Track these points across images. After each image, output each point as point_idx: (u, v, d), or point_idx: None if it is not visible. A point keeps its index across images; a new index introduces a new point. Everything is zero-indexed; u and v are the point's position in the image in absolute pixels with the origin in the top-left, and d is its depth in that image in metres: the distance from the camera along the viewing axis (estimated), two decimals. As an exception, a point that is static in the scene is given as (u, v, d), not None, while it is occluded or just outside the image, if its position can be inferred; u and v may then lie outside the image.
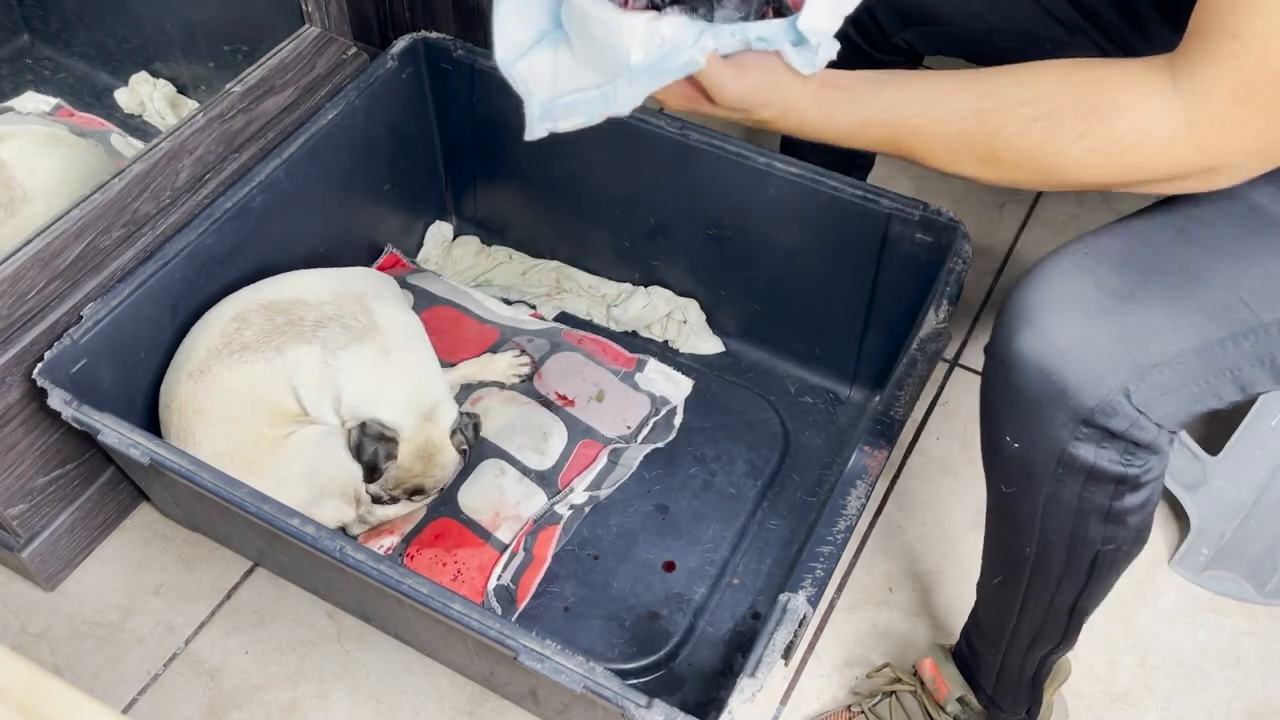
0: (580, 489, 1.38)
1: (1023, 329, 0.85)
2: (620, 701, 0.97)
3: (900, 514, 1.45)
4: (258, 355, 1.25)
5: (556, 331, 1.54)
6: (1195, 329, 0.84)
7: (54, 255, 1.23)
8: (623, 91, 0.84)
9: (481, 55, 1.49)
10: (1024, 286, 0.87)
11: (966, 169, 0.85)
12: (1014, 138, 0.81)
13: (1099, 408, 0.83)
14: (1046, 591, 0.99)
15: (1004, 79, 0.82)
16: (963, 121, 0.82)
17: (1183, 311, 0.84)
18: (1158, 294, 0.84)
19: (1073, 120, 0.78)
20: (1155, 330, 0.83)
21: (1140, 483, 0.88)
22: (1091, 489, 0.88)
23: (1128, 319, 0.83)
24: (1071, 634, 1.05)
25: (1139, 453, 0.86)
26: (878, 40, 1.29)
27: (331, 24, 1.48)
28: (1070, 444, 0.85)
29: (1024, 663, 1.09)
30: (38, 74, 1.74)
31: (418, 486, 1.29)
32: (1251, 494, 1.30)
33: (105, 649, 1.31)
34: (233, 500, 1.09)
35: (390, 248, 1.62)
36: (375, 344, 1.27)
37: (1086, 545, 0.93)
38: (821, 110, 0.86)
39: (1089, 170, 0.80)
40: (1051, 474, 0.88)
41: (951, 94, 0.83)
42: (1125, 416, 0.83)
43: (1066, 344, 0.83)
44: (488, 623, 1.01)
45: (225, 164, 1.39)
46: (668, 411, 1.47)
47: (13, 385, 1.19)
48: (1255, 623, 1.36)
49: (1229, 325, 0.84)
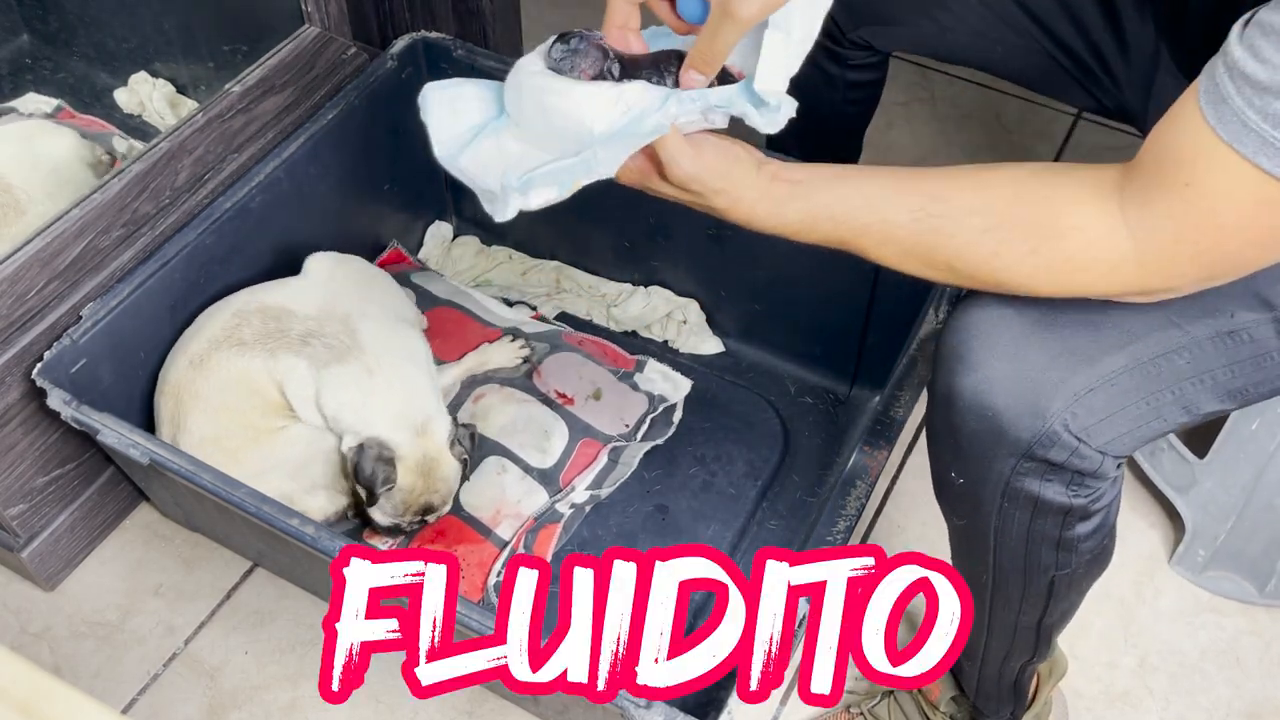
0: (581, 488, 1.38)
1: (956, 366, 0.84)
2: (620, 701, 0.97)
3: (900, 514, 1.45)
4: (255, 352, 1.26)
5: (557, 334, 1.54)
6: (1123, 349, 0.83)
7: (53, 255, 1.23)
8: (601, 155, 0.84)
9: (481, 55, 1.49)
10: (954, 324, 0.86)
11: (918, 271, 0.84)
12: (964, 248, 0.81)
13: (1037, 440, 0.82)
14: (1010, 612, 1.00)
15: (957, 181, 0.82)
16: (915, 224, 0.81)
17: (1107, 333, 0.83)
18: (1082, 317, 0.83)
19: (1021, 235, 0.79)
20: (1083, 354, 0.82)
21: (1089, 511, 0.87)
22: (1040, 520, 0.88)
23: (1054, 345, 0.83)
24: (1043, 647, 1.05)
25: (1086, 481, 0.85)
26: (836, 36, 1.30)
27: (331, 24, 1.48)
28: (1013, 478, 0.85)
29: (1001, 673, 1.10)
30: (38, 74, 1.73)
31: (427, 504, 1.28)
32: (1240, 496, 1.30)
33: (105, 649, 1.31)
34: (232, 500, 1.09)
35: (395, 243, 1.62)
36: (359, 363, 1.26)
37: (1041, 571, 0.93)
38: (771, 202, 0.85)
39: (1040, 285, 0.80)
40: (998, 508, 0.88)
41: (904, 194, 0.83)
42: (1064, 446, 0.82)
43: (999, 377, 0.82)
44: (488, 623, 1.01)
45: (225, 164, 1.39)
46: (666, 408, 1.47)
47: (12, 385, 1.19)
48: (1255, 623, 1.36)
49: (1159, 343, 0.83)
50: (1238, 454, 1.28)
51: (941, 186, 0.82)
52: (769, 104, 0.84)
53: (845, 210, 0.84)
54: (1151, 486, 1.43)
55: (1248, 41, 0.67)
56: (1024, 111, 1.95)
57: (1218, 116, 0.69)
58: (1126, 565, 1.40)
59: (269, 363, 1.26)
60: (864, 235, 0.84)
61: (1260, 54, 0.66)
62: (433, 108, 0.91)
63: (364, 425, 1.25)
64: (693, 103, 0.83)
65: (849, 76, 1.35)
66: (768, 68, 0.83)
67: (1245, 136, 0.68)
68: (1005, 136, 1.92)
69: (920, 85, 2.00)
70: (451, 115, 0.90)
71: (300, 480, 1.27)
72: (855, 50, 1.31)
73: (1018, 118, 1.95)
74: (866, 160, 1.55)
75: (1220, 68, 0.69)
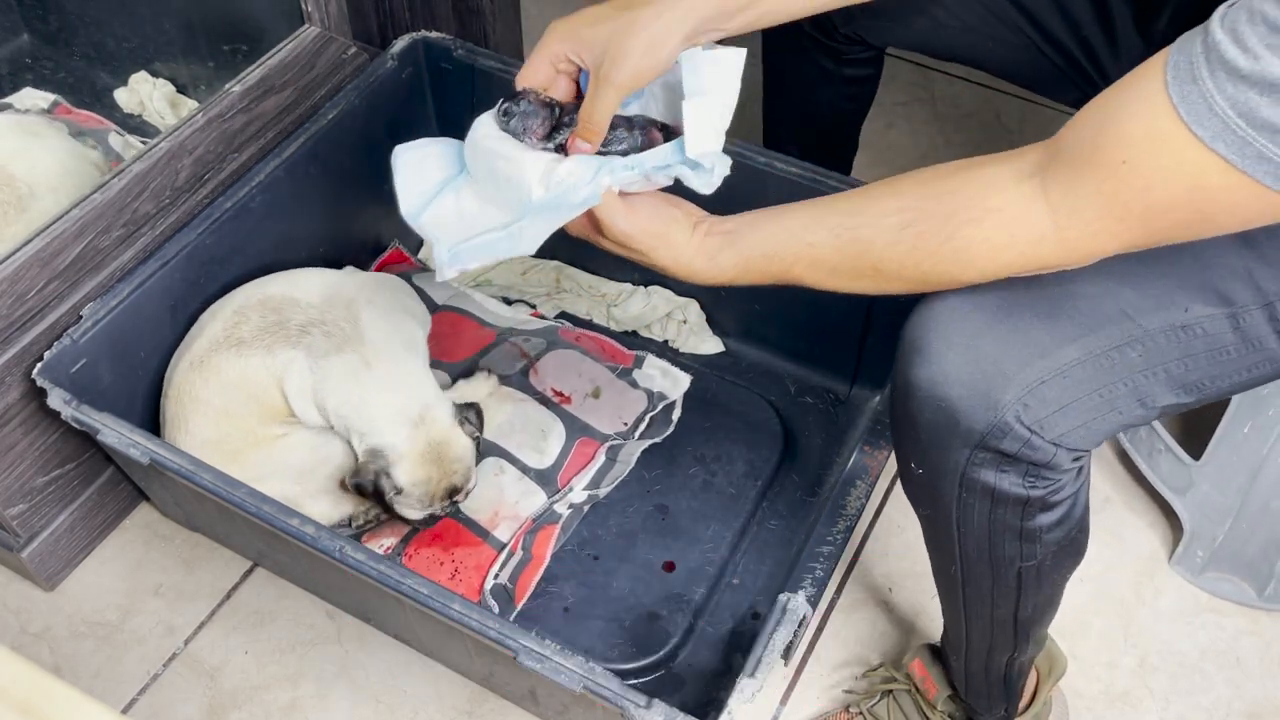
0: (579, 488, 1.38)
1: (913, 357, 0.85)
2: (620, 702, 0.97)
3: (900, 514, 1.45)
4: (253, 351, 1.26)
5: (554, 330, 1.54)
6: (1076, 341, 0.83)
7: (53, 255, 1.23)
8: (528, 232, 0.89)
9: (481, 55, 1.49)
10: (914, 318, 0.87)
11: (852, 286, 0.87)
12: (885, 249, 0.83)
13: (989, 431, 0.83)
14: (984, 605, 1.00)
15: (872, 193, 0.86)
16: (836, 240, 0.85)
17: (1061, 326, 0.84)
18: (1037, 309, 0.84)
19: (937, 225, 0.80)
20: (1037, 346, 0.83)
21: (1049, 503, 0.88)
22: (999, 510, 0.88)
23: (1008, 337, 0.83)
24: (1023, 642, 1.05)
25: (1042, 473, 0.85)
26: (830, 31, 1.30)
27: (331, 24, 1.48)
28: (968, 469, 0.86)
29: (987, 668, 1.10)
30: (37, 73, 1.74)
31: (451, 487, 1.27)
32: (1236, 498, 1.30)
33: (105, 649, 1.31)
34: (232, 500, 1.09)
35: (396, 243, 1.62)
36: (356, 355, 1.26)
37: (1006, 563, 0.94)
38: (705, 256, 0.90)
39: (966, 272, 0.81)
40: (957, 498, 0.89)
41: (823, 216, 0.86)
42: (1016, 437, 0.83)
43: (953, 368, 0.83)
44: (488, 623, 1.01)
45: (225, 164, 1.39)
46: (665, 406, 1.47)
47: (12, 385, 1.19)
48: (1255, 623, 1.36)
49: (1112, 336, 0.84)
50: (1232, 457, 1.28)
51: (858, 202, 0.86)
52: (703, 166, 0.88)
53: (773, 246, 0.88)
54: (1150, 487, 1.43)
55: (1229, 24, 0.66)
56: (1024, 111, 1.96)
57: (1182, 95, 0.68)
58: (1126, 565, 1.40)
59: (266, 360, 1.25)
60: (795, 264, 0.87)
61: (1243, 40, 0.65)
62: (400, 168, 0.96)
63: (365, 423, 1.24)
64: (628, 170, 0.88)
65: (845, 72, 1.36)
66: (694, 133, 0.88)
67: (1208, 120, 0.67)
68: (1005, 136, 1.92)
69: (920, 85, 2.00)
70: (418, 175, 0.96)
71: (304, 485, 1.27)
72: (849, 45, 1.31)
73: (1018, 118, 1.95)
74: (865, 160, 1.55)
75: (1198, 46, 0.68)
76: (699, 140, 0.88)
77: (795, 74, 1.39)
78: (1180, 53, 0.69)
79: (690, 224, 0.91)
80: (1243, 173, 0.67)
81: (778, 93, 1.44)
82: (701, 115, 0.89)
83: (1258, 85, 0.65)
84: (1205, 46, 0.67)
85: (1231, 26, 0.66)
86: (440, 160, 0.97)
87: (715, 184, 0.89)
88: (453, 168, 0.96)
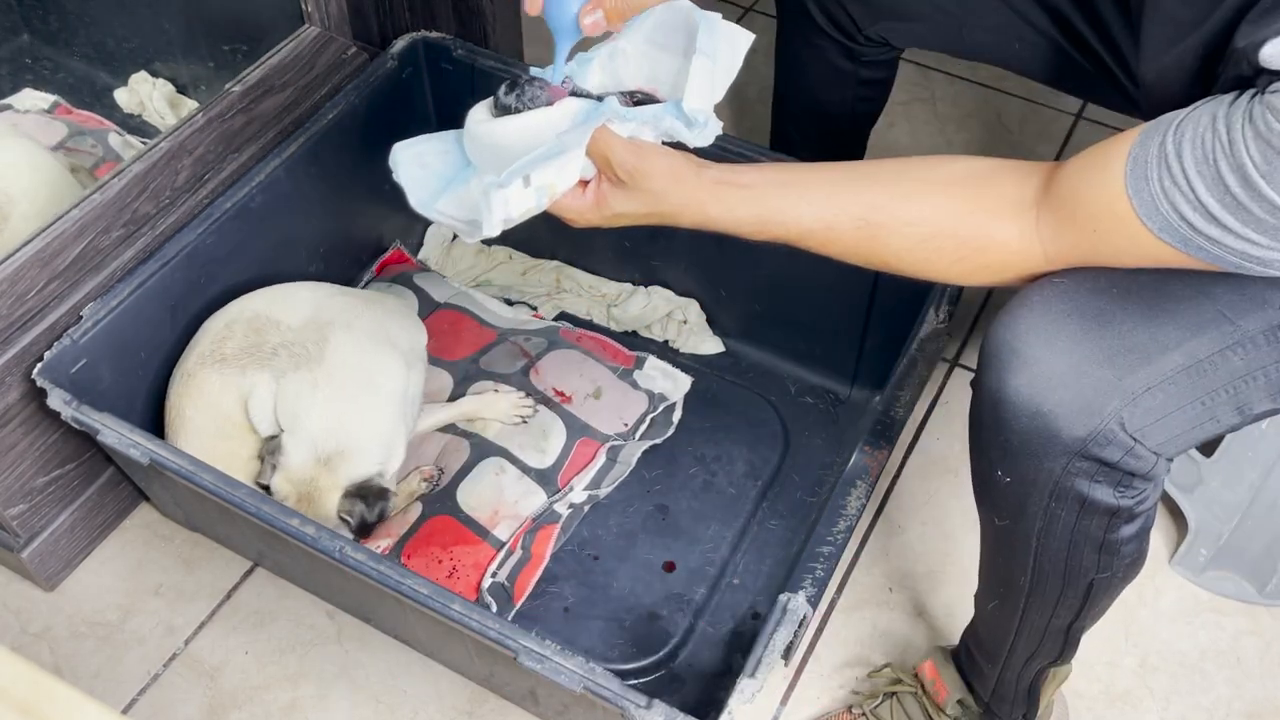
0: (579, 488, 1.38)
1: (1008, 362, 0.84)
2: (620, 702, 0.97)
3: (900, 514, 1.45)
4: (230, 370, 1.24)
5: (554, 330, 1.54)
6: (1180, 347, 0.83)
7: (53, 255, 1.22)
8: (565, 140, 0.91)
9: (481, 55, 1.49)
10: (1004, 320, 0.86)
11: (856, 264, 0.94)
12: (901, 252, 0.90)
13: (1092, 438, 0.81)
14: (1043, 615, 0.99)
15: (894, 192, 0.90)
16: (856, 231, 0.90)
17: (1164, 330, 0.83)
18: (1137, 314, 0.84)
19: (952, 246, 0.88)
20: (1142, 352, 0.82)
21: (1134, 513, 0.87)
22: (1085, 521, 0.87)
23: (1113, 343, 0.83)
24: (1069, 649, 1.05)
25: (1134, 483, 0.84)
26: (852, 32, 1.30)
27: (331, 24, 1.48)
28: (1063, 477, 0.84)
29: (1021, 675, 1.09)
30: (37, 73, 1.74)
31: None
32: (1246, 495, 1.30)
33: (105, 649, 1.31)
34: (232, 500, 1.09)
35: (398, 243, 1.62)
36: (309, 375, 1.23)
37: (1081, 574, 0.92)
38: (723, 204, 0.92)
39: (964, 280, 0.91)
40: (1044, 508, 0.87)
41: (845, 203, 0.91)
42: (1119, 445, 0.82)
43: (1055, 375, 0.82)
44: (488, 623, 1.01)
45: (225, 164, 1.39)
46: (666, 407, 1.47)
47: (12, 385, 1.19)
48: (1255, 623, 1.36)
49: (1214, 340, 0.83)
50: (1246, 453, 1.28)
51: (881, 198, 0.90)
52: (697, 121, 0.92)
53: (794, 215, 0.91)
54: (1151, 486, 1.43)
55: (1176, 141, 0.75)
56: (1024, 111, 1.96)
57: (1135, 189, 0.78)
58: (1127, 565, 1.40)
59: (239, 380, 1.23)
60: (809, 237, 0.92)
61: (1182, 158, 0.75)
62: (402, 163, 0.99)
63: (285, 430, 1.21)
64: (623, 119, 0.91)
65: (861, 74, 1.36)
66: (695, 88, 0.92)
67: (1155, 216, 0.77)
68: (1005, 136, 1.92)
69: (920, 85, 2.00)
70: (421, 169, 0.99)
71: None
72: (870, 47, 1.31)
73: (1018, 118, 1.95)
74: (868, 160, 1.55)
75: (1153, 149, 0.77)
76: (698, 95, 0.92)
77: (809, 73, 1.38)
78: (1141, 147, 0.78)
79: (695, 166, 0.92)
80: (1189, 255, 0.78)
81: (789, 91, 1.44)
82: (705, 74, 0.92)
83: (1190, 202, 0.75)
84: (1160, 151, 0.76)
85: (1177, 143, 0.76)
86: (441, 155, 0.98)
87: (709, 139, 0.93)
88: (455, 160, 0.98)
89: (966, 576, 1.36)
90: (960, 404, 1.54)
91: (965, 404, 0.87)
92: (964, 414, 0.87)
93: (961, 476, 1.47)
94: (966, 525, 1.43)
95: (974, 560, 1.06)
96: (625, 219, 0.95)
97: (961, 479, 1.47)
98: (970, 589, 1.11)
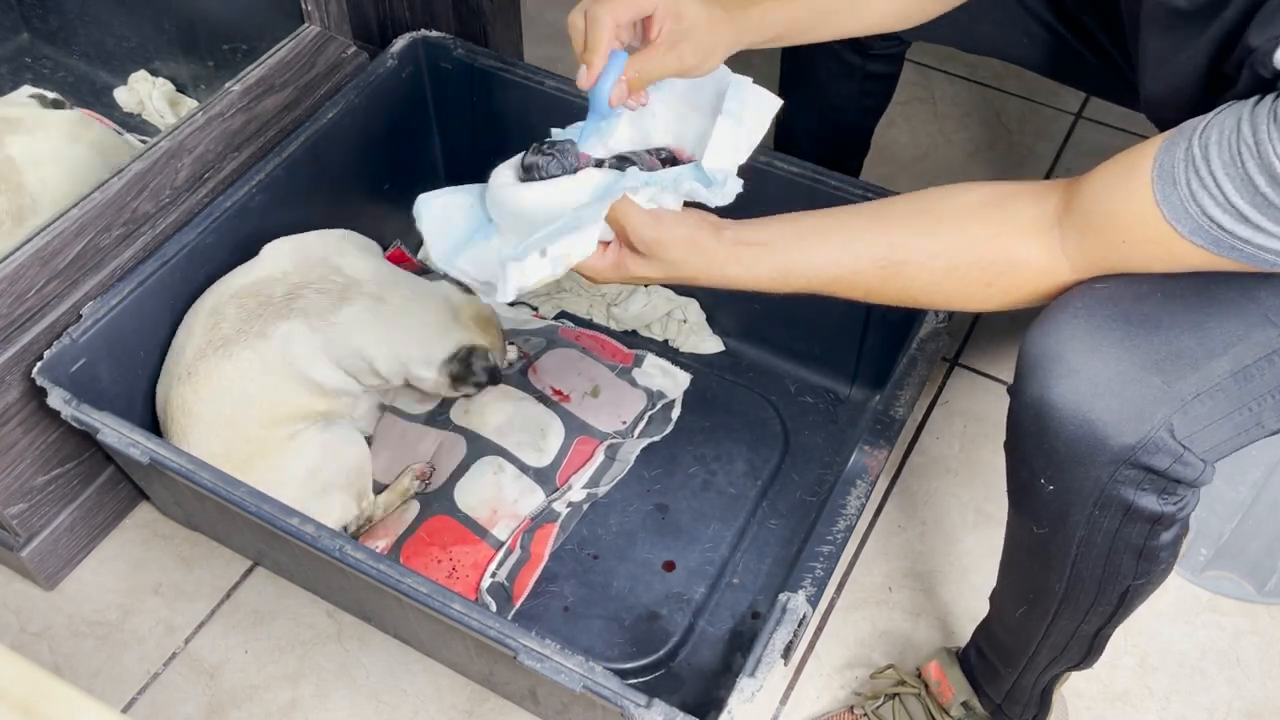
0: (578, 486, 1.38)
1: (1052, 370, 0.83)
2: (620, 701, 0.97)
3: (900, 514, 1.45)
4: (241, 345, 1.24)
5: (554, 329, 1.54)
6: (1227, 352, 0.82)
7: (53, 254, 1.22)
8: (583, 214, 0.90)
9: (481, 55, 1.49)
10: (1045, 327, 0.85)
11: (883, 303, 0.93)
12: (929, 287, 0.90)
13: (1141, 446, 0.81)
14: (1073, 621, 0.98)
15: (912, 226, 0.90)
16: (880, 273, 0.90)
17: (1210, 335, 0.82)
18: (1182, 319, 0.83)
19: (979, 273, 0.88)
20: (1190, 358, 0.82)
21: (1175, 519, 0.86)
22: (1128, 528, 0.87)
23: (1159, 349, 0.82)
24: (1094, 654, 1.04)
25: (1178, 489, 0.84)
26: None
27: (331, 23, 1.48)
28: (1109, 485, 0.83)
29: (1038, 680, 1.09)
30: (37, 72, 1.74)
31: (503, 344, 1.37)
32: (1249, 493, 1.30)
33: (105, 648, 1.31)
34: (232, 500, 1.09)
35: (398, 243, 1.62)
36: (364, 297, 1.26)
37: (1118, 581, 0.92)
38: (742, 264, 0.91)
39: (991, 307, 0.90)
40: (1088, 516, 0.86)
41: (865, 246, 0.90)
42: (1169, 453, 0.81)
43: (1102, 382, 0.81)
44: (487, 622, 1.01)
45: (225, 163, 1.39)
46: (664, 405, 1.47)
47: (12, 384, 1.19)
48: (1255, 623, 1.36)
49: (1261, 345, 0.83)
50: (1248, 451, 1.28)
51: (899, 236, 0.89)
52: (716, 180, 0.91)
53: (815, 266, 0.91)
54: (1151, 486, 1.43)
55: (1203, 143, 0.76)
56: (1024, 111, 1.95)
57: (1164, 196, 0.78)
58: (1126, 565, 1.40)
59: (260, 346, 1.23)
60: (835, 284, 0.92)
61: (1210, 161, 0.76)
62: (425, 216, 0.99)
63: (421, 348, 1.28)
64: (643, 183, 0.91)
65: (869, 67, 1.36)
66: (716, 148, 0.92)
67: (1185, 219, 0.78)
68: (1005, 136, 1.92)
69: (920, 84, 2.00)
70: (444, 222, 0.98)
71: (310, 486, 1.25)
72: (878, 39, 1.31)
73: (1018, 117, 1.95)
74: (867, 159, 1.55)
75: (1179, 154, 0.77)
76: (720, 156, 0.92)
77: (817, 67, 1.39)
78: (1166, 153, 0.78)
79: (713, 229, 0.91)
80: (1220, 256, 0.79)
81: (796, 86, 1.43)
82: (729, 135, 0.92)
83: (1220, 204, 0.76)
84: (1187, 155, 0.77)
85: (1204, 146, 0.76)
86: (465, 210, 0.98)
87: (729, 198, 0.92)
88: (478, 216, 0.98)
89: (966, 576, 1.37)
90: (960, 404, 1.54)
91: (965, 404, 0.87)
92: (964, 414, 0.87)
93: (961, 476, 1.47)
94: (966, 525, 1.43)
95: (974, 560, 1.06)
96: (644, 281, 0.94)
97: (961, 479, 1.47)
98: (970, 588, 1.11)
